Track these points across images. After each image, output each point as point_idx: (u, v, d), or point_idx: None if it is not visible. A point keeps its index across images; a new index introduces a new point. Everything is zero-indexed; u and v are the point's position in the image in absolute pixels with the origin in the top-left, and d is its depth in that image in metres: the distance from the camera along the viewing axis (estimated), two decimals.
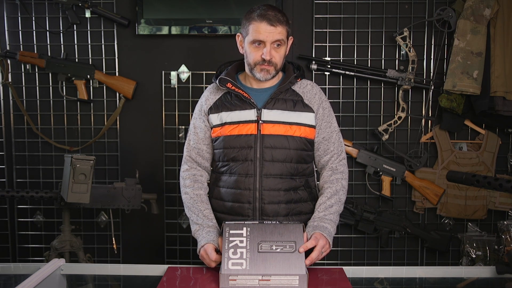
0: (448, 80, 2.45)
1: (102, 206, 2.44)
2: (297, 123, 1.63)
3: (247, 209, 1.63)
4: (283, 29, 1.58)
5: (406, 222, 2.62)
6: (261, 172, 1.61)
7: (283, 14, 1.60)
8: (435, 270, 1.71)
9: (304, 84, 1.71)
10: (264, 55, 1.57)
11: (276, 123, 1.62)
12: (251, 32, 1.57)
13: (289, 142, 1.62)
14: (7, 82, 2.65)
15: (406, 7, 2.61)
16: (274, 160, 1.62)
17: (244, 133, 1.62)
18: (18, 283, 1.38)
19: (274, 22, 1.55)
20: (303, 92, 1.68)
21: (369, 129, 2.66)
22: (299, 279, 1.39)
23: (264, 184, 1.62)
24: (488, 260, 2.53)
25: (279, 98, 1.65)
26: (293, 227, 1.48)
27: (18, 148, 2.72)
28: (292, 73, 1.67)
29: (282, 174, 1.63)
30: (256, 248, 1.43)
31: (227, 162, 1.65)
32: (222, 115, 1.65)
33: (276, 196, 1.62)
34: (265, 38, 1.55)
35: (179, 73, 2.66)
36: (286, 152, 1.62)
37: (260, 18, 1.55)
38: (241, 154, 1.62)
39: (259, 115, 1.62)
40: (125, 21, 2.60)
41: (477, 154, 2.60)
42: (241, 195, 1.63)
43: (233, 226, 1.48)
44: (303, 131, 1.64)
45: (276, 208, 1.63)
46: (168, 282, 1.47)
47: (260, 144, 1.61)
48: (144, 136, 2.72)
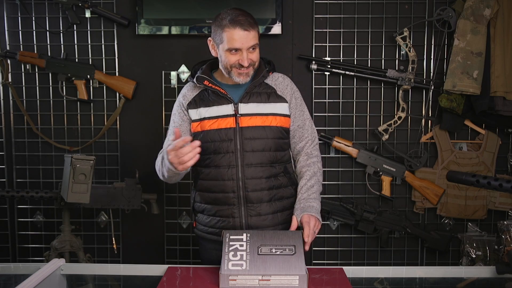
0: (448, 80, 2.45)
1: (102, 206, 2.45)
2: (273, 114, 1.72)
3: (232, 198, 1.71)
4: (255, 32, 1.64)
5: (406, 222, 2.62)
6: (243, 162, 1.70)
7: (251, 16, 1.66)
8: (435, 270, 1.72)
9: (275, 77, 1.80)
10: (242, 62, 1.64)
11: (253, 115, 1.71)
12: (226, 40, 1.62)
13: (266, 132, 1.71)
14: (7, 82, 2.65)
15: (406, 7, 2.61)
16: (254, 150, 1.70)
17: (223, 126, 1.70)
18: (18, 283, 1.38)
19: (247, 27, 1.60)
20: (275, 84, 1.78)
21: (369, 129, 2.66)
22: (299, 279, 1.39)
23: (246, 173, 1.70)
24: (488, 260, 2.53)
25: (254, 92, 1.74)
26: (292, 234, 1.54)
27: (18, 148, 2.72)
28: (264, 67, 1.76)
29: (263, 162, 1.71)
30: (256, 251, 1.45)
31: (208, 155, 1.72)
32: (201, 111, 1.73)
33: (259, 183, 1.71)
34: (241, 45, 1.62)
35: (179, 73, 2.66)
36: (264, 141, 1.71)
37: (232, 24, 1.60)
38: (222, 147, 1.70)
39: (236, 109, 1.71)
40: (125, 21, 2.60)
41: (477, 154, 2.60)
42: (225, 185, 1.71)
43: (233, 232, 1.54)
44: (279, 121, 1.73)
45: (259, 195, 1.71)
46: (168, 282, 1.47)
47: (240, 136, 1.69)
48: (144, 136, 2.72)
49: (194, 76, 1.77)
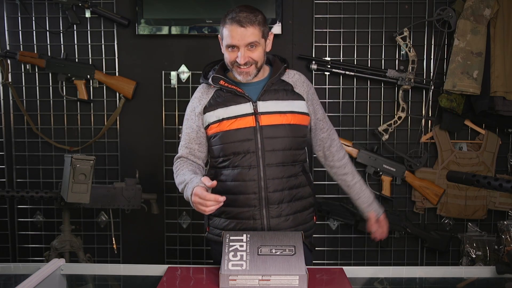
0: (448, 80, 2.45)
1: (102, 206, 2.45)
2: (291, 112, 1.68)
3: (253, 199, 1.66)
4: (255, 30, 1.58)
5: (406, 222, 2.62)
6: (264, 162, 1.65)
7: (257, 13, 1.61)
8: (435, 270, 1.71)
9: (291, 74, 1.76)
10: (238, 59, 1.60)
11: (272, 114, 1.66)
12: (225, 36, 1.61)
13: (286, 130, 1.66)
14: (7, 82, 2.65)
15: (406, 7, 2.61)
16: (275, 149, 1.65)
17: (243, 126, 1.65)
18: (18, 283, 1.38)
19: (244, 23, 1.56)
20: (292, 81, 1.73)
21: (369, 129, 2.66)
22: (299, 279, 1.39)
23: (267, 173, 1.65)
24: (488, 260, 2.53)
25: (272, 89, 1.69)
26: (292, 234, 1.52)
27: (18, 148, 2.72)
28: (280, 65, 1.72)
29: (284, 162, 1.67)
30: (256, 251, 1.44)
31: (228, 156, 1.67)
32: (219, 112, 1.67)
33: (280, 184, 1.67)
34: (237, 42, 1.58)
35: (179, 73, 2.66)
36: (285, 140, 1.66)
37: (231, 21, 1.57)
38: (242, 147, 1.64)
39: (255, 108, 1.65)
40: (125, 21, 2.60)
41: (477, 154, 2.60)
42: (246, 187, 1.65)
43: (233, 233, 1.53)
44: (298, 119, 1.69)
45: (280, 196, 1.67)
46: (168, 282, 1.47)
47: (260, 135, 1.64)
48: (144, 136, 2.72)
49: (206, 77, 1.73)
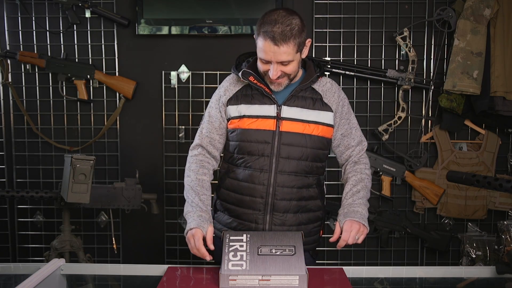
0: (448, 80, 2.45)
1: (102, 206, 2.44)
2: (316, 122, 1.63)
3: (259, 204, 1.64)
4: (289, 48, 1.49)
5: (406, 222, 2.62)
6: (276, 169, 1.62)
7: (294, 24, 1.49)
8: (435, 270, 1.71)
9: (323, 82, 1.69)
10: (270, 73, 1.55)
11: (295, 121, 1.61)
12: (258, 48, 1.54)
13: (306, 140, 1.62)
14: (7, 82, 2.65)
15: (406, 7, 2.61)
16: (290, 157, 1.62)
17: (262, 128, 1.61)
18: (18, 283, 1.37)
19: (278, 41, 1.48)
20: (322, 91, 1.67)
21: (369, 129, 2.66)
22: (299, 279, 1.39)
23: (278, 180, 1.62)
24: (488, 260, 2.53)
25: (299, 96, 1.63)
26: (292, 234, 1.52)
27: (18, 148, 2.72)
28: (314, 71, 1.66)
29: (297, 171, 1.63)
30: (256, 251, 1.44)
31: (242, 155, 1.65)
32: (241, 108, 1.64)
33: (289, 193, 1.63)
34: (270, 58, 1.52)
35: (179, 73, 2.66)
36: (302, 150, 1.62)
37: (265, 36, 1.49)
38: (258, 149, 1.62)
39: (279, 112, 1.61)
40: (125, 21, 2.60)
41: (477, 154, 2.60)
42: (255, 190, 1.63)
43: (233, 233, 1.52)
44: (321, 130, 1.64)
45: (287, 205, 1.64)
46: (168, 282, 1.47)
47: (278, 141, 1.61)
48: (144, 136, 2.72)
49: (238, 68, 1.67)
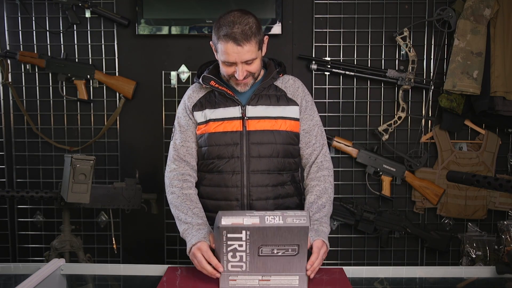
0: (448, 80, 2.45)
1: (102, 206, 2.44)
2: (282, 117, 1.63)
3: (235, 207, 1.62)
4: (251, 46, 1.51)
5: (406, 222, 2.62)
6: (248, 169, 1.61)
7: (251, 23, 1.51)
8: (435, 270, 1.71)
9: (286, 79, 1.71)
10: (237, 75, 1.55)
11: (261, 119, 1.61)
12: (220, 52, 1.54)
13: (275, 137, 1.61)
14: (7, 82, 2.65)
15: (406, 7, 2.61)
16: (261, 156, 1.61)
17: (229, 129, 1.61)
18: (18, 283, 1.38)
19: (240, 41, 1.49)
20: (285, 87, 1.68)
21: (369, 129, 2.66)
22: (299, 279, 1.39)
23: (251, 180, 1.61)
24: (488, 260, 2.53)
25: (263, 94, 1.65)
26: (298, 230, 1.33)
27: (18, 148, 2.72)
28: (274, 69, 1.67)
29: (270, 169, 1.62)
30: (256, 252, 1.36)
31: (212, 159, 1.64)
32: (206, 113, 1.64)
33: (264, 192, 1.62)
34: (234, 59, 1.52)
35: (179, 73, 2.66)
36: (272, 147, 1.62)
37: (226, 38, 1.49)
38: (227, 151, 1.61)
39: (243, 112, 1.62)
40: (125, 21, 2.60)
41: (477, 154, 2.60)
42: (229, 193, 1.62)
43: (230, 230, 1.33)
44: (289, 125, 1.64)
45: (264, 204, 1.62)
46: (168, 282, 1.47)
47: (246, 141, 1.61)
48: (144, 136, 2.72)
49: (200, 76, 1.68)
